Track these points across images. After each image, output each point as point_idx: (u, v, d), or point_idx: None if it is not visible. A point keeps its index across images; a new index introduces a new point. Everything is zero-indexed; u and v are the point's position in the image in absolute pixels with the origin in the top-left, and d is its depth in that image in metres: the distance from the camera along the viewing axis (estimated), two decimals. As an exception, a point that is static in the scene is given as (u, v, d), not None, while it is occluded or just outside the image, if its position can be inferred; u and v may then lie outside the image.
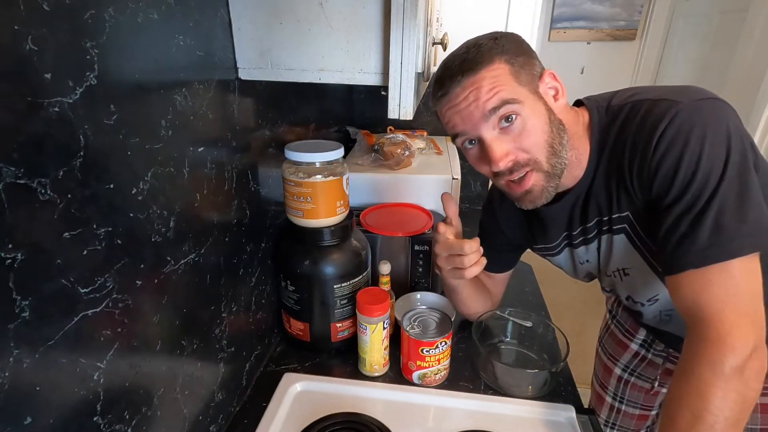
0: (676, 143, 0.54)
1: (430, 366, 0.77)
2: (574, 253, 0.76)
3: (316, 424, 0.68)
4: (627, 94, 0.63)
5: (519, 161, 0.62)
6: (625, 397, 0.95)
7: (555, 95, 0.63)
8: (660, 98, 0.58)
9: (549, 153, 0.61)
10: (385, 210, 1.05)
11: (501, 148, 0.61)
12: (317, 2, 0.58)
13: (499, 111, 0.59)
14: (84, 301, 0.39)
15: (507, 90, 0.59)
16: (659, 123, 0.55)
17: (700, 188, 0.53)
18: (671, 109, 0.55)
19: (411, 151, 1.15)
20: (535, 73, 0.62)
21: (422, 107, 1.56)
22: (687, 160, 0.53)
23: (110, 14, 0.39)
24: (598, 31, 2.62)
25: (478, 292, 0.87)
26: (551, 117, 0.62)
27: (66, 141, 0.36)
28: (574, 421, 0.70)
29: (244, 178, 0.70)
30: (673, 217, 0.55)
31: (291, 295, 0.82)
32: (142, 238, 0.47)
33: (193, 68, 0.54)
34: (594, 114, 0.64)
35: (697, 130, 0.53)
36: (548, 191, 0.64)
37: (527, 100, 0.60)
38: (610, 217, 0.65)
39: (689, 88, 0.59)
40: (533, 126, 0.60)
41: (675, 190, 0.55)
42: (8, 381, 0.32)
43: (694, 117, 0.54)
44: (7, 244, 0.31)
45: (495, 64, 0.59)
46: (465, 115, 0.61)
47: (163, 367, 0.52)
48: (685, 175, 0.54)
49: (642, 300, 0.74)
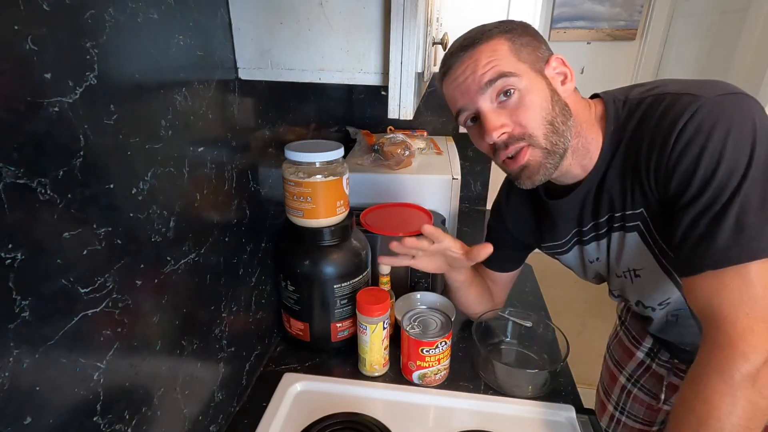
0: (696, 139, 0.52)
1: (430, 366, 0.77)
2: (583, 250, 0.74)
3: (316, 424, 0.68)
4: (646, 87, 0.61)
5: (514, 134, 0.61)
6: (626, 408, 0.93)
7: (563, 80, 0.62)
8: (682, 92, 0.55)
9: (548, 130, 0.60)
10: (385, 210, 1.05)
11: (496, 120, 0.60)
12: (317, 2, 0.58)
13: (496, 83, 0.59)
14: (84, 301, 0.39)
15: (504, 63, 0.59)
16: (680, 117, 0.53)
17: (721, 186, 0.51)
18: (693, 103, 0.53)
19: (411, 151, 1.15)
20: (540, 55, 0.61)
21: (422, 107, 1.56)
22: (708, 156, 0.51)
23: (110, 14, 0.39)
24: (598, 31, 2.62)
25: (481, 293, 0.87)
26: (554, 97, 0.61)
27: (66, 141, 0.36)
28: (574, 421, 0.70)
29: (244, 178, 0.70)
30: (691, 216, 0.53)
31: (291, 295, 0.82)
32: (142, 238, 0.47)
33: (193, 68, 0.54)
34: (610, 106, 0.63)
35: (721, 126, 0.51)
36: (546, 168, 0.62)
37: (526, 75, 0.59)
38: (623, 213, 0.64)
39: (715, 83, 0.56)
40: (531, 101, 0.59)
41: (694, 187, 0.52)
42: (8, 381, 0.32)
43: (717, 112, 0.52)
44: (7, 244, 0.31)
45: (495, 40, 0.60)
46: (464, 88, 0.61)
47: (163, 367, 0.52)
48: (705, 172, 0.51)
49: (653, 304, 0.72)
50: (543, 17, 2.57)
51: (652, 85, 0.62)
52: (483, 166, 1.60)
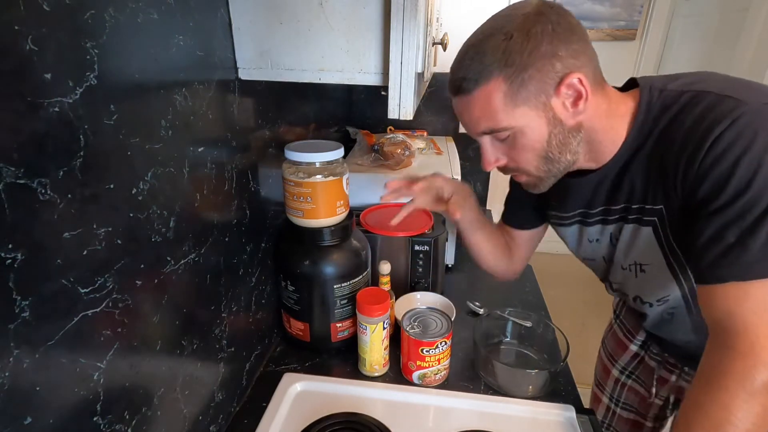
0: (735, 147, 0.50)
1: (430, 366, 0.77)
2: (584, 230, 0.74)
3: (316, 424, 0.68)
4: (688, 80, 0.59)
5: (508, 167, 0.65)
6: (621, 399, 0.95)
7: (575, 101, 0.58)
8: (725, 94, 0.53)
9: (540, 163, 0.62)
10: (385, 210, 1.05)
11: (492, 154, 0.64)
12: (317, 2, 0.58)
13: (488, 134, 0.62)
14: (84, 301, 0.39)
15: (496, 118, 0.58)
16: (719, 123, 0.51)
17: (756, 198, 0.49)
18: (736, 109, 0.51)
19: (411, 151, 1.15)
20: (549, 82, 0.56)
21: (422, 107, 1.56)
22: (745, 166, 0.49)
23: (110, 14, 0.39)
24: (598, 31, 2.62)
25: (495, 244, 0.88)
26: (555, 130, 0.59)
27: (66, 141, 0.36)
28: (574, 421, 0.70)
29: (244, 178, 0.70)
30: (718, 224, 0.52)
31: (291, 295, 0.82)
32: (142, 238, 0.47)
33: (193, 68, 0.54)
34: (644, 93, 0.60)
35: (762, 136, 0.49)
36: (545, 183, 0.66)
37: (522, 118, 0.58)
38: (641, 206, 0.63)
39: (759, 87, 0.55)
40: (524, 144, 0.60)
41: (726, 195, 0.51)
42: (8, 381, 0.32)
43: (760, 122, 0.50)
44: (7, 244, 0.31)
45: (491, 84, 0.57)
46: (464, 122, 0.64)
47: (163, 367, 0.52)
48: (740, 181, 0.50)
49: (651, 300, 0.72)
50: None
51: (694, 78, 0.59)
52: (483, 166, 1.60)
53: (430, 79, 0.93)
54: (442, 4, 1.34)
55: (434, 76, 1.46)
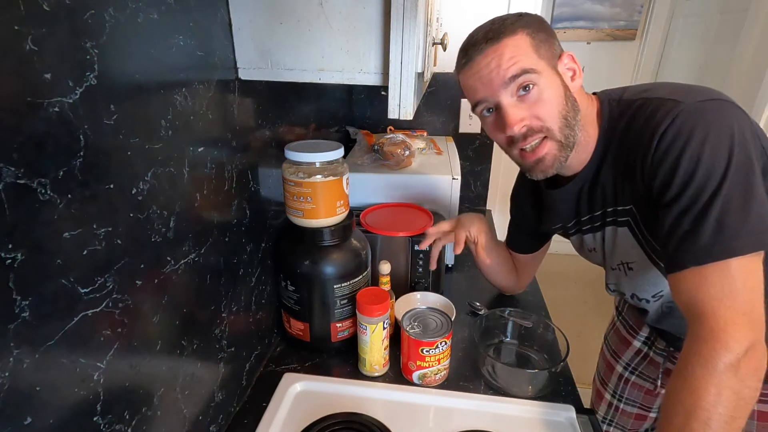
0: (676, 142, 0.55)
1: (430, 366, 0.77)
2: (583, 239, 0.79)
3: (316, 424, 0.68)
4: (640, 89, 0.65)
5: (533, 127, 0.64)
6: (624, 395, 0.96)
7: (572, 76, 0.66)
8: (667, 97, 0.59)
9: (562, 124, 0.64)
10: (385, 210, 1.05)
11: (516, 114, 0.63)
12: (317, 2, 0.58)
13: (518, 79, 0.62)
14: (84, 301, 0.39)
15: (527, 60, 0.61)
16: (661, 123, 0.57)
17: (701, 187, 0.54)
18: (674, 109, 0.56)
19: (411, 151, 1.15)
20: (555, 52, 0.65)
21: (422, 107, 1.56)
22: (687, 159, 0.54)
23: (110, 14, 0.39)
24: (598, 31, 2.62)
25: (501, 266, 0.96)
26: (567, 92, 0.64)
27: (66, 141, 0.36)
28: (574, 421, 0.70)
29: (244, 178, 0.70)
30: (673, 215, 0.56)
31: (291, 295, 0.82)
32: (142, 238, 0.47)
33: (193, 68, 0.54)
34: (605, 104, 0.67)
35: (699, 131, 0.54)
36: (559, 161, 0.67)
37: (545, 71, 0.62)
38: (614, 208, 0.68)
39: (700, 89, 0.60)
40: (549, 96, 0.63)
41: (674, 188, 0.56)
42: (8, 381, 0.32)
43: (696, 117, 0.55)
44: (7, 244, 0.31)
45: (517, 35, 0.62)
46: (486, 81, 0.64)
47: (163, 367, 0.52)
48: (684, 174, 0.55)
49: (647, 296, 0.75)
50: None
51: (645, 87, 0.65)
52: (483, 166, 1.60)
53: (430, 79, 0.93)
54: (442, 4, 1.34)
55: (434, 76, 1.46)
